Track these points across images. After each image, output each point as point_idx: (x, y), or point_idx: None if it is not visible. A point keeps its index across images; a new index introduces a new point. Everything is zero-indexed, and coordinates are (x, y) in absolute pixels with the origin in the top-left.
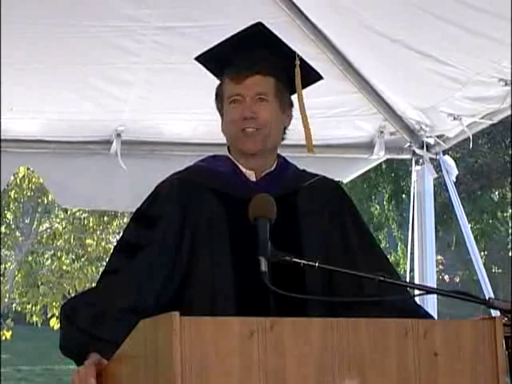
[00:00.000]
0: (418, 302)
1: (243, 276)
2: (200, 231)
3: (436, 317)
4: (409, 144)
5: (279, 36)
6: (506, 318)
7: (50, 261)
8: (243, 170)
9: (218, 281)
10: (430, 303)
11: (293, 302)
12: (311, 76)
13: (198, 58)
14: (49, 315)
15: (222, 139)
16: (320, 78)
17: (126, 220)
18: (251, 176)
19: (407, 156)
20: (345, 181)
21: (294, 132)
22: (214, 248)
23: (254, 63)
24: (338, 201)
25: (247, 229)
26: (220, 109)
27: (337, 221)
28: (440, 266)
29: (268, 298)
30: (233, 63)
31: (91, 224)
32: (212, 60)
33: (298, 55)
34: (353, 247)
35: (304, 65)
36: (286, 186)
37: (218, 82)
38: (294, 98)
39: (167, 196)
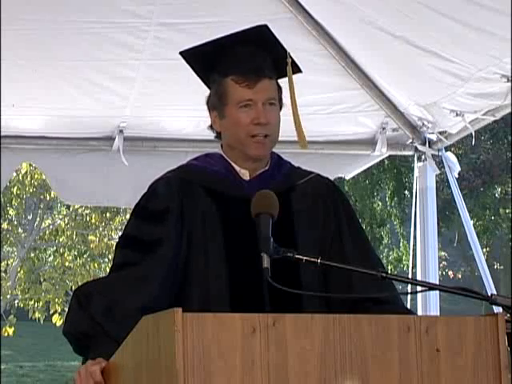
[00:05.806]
0: (420, 299)
1: (237, 275)
2: (195, 230)
3: (438, 313)
4: (411, 140)
5: (277, 36)
6: (508, 315)
7: (52, 257)
8: (237, 168)
9: (212, 280)
10: (433, 299)
11: (288, 299)
12: (295, 70)
13: (182, 53)
14: (51, 311)
15: None
16: (299, 71)
17: (128, 216)
18: (245, 175)
19: (409, 152)
20: (347, 177)
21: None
22: (208, 246)
23: (263, 67)
24: (333, 199)
25: (240, 227)
26: (216, 106)
27: (333, 221)
28: (444, 263)
29: (263, 295)
30: (239, 65)
31: (93, 220)
32: (200, 58)
33: (289, 53)
34: (346, 252)
35: (293, 62)
36: (279, 184)
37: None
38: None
39: (168, 193)
